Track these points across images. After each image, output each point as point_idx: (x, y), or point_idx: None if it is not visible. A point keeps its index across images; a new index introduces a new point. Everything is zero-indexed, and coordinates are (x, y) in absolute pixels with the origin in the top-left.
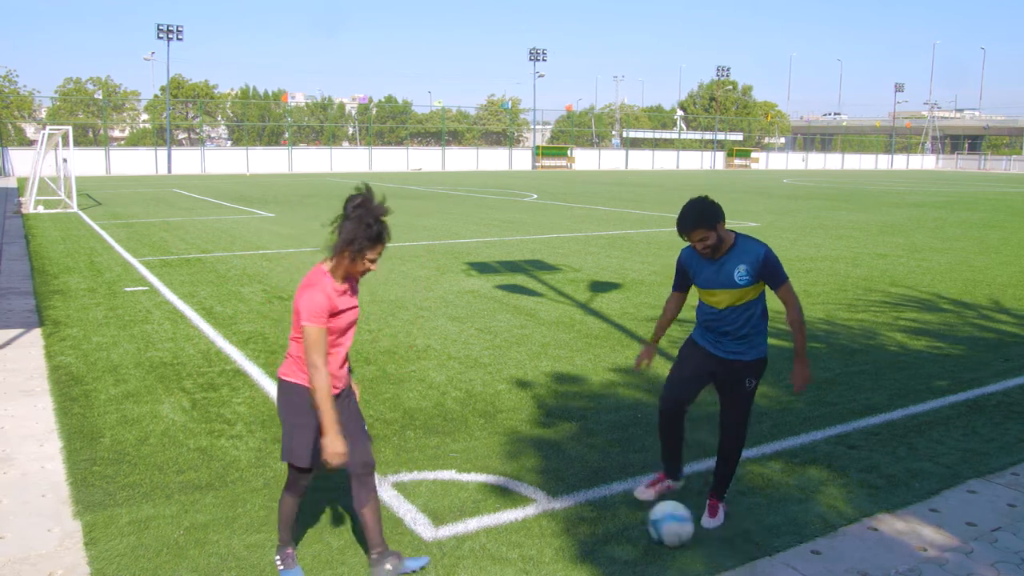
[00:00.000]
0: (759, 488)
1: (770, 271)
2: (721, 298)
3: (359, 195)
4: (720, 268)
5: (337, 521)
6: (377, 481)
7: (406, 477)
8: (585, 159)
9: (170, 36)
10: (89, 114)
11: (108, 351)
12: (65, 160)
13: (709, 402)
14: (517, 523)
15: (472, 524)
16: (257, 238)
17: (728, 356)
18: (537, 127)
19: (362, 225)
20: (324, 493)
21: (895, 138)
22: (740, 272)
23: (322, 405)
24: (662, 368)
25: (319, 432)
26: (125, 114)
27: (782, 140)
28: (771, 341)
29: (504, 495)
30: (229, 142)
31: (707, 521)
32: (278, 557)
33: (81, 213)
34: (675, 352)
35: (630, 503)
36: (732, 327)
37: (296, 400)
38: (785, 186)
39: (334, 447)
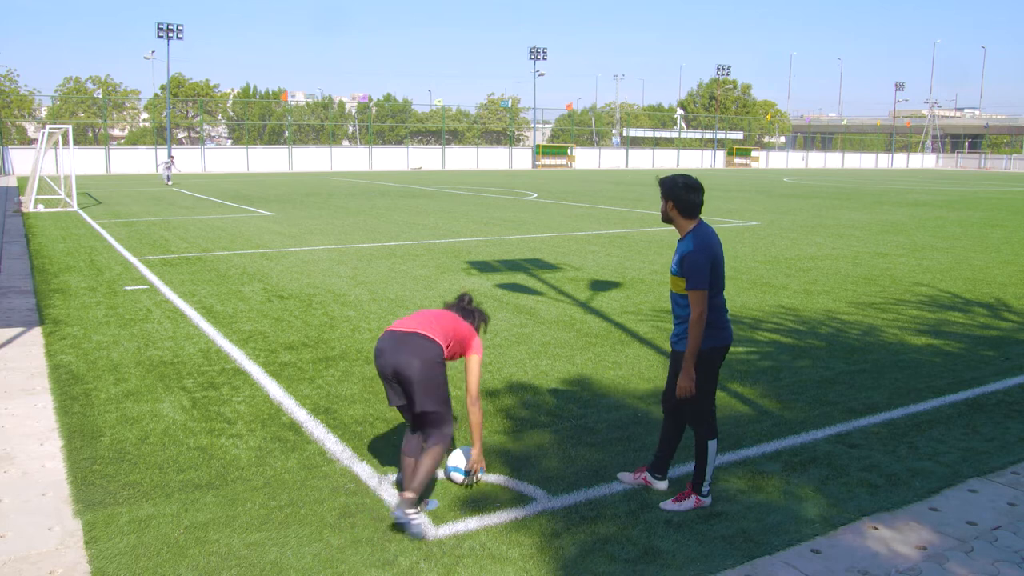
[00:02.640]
0: (759, 487)
1: (685, 270)
2: (671, 281)
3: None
4: (676, 251)
5: (338, 519)
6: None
7: None
8: (585, 158)
9: (170, 35)
10: (89, 113)
11: (108, 350)
12: (169, 169)
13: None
14: (517, 522)
15: (472, 523)
16: (257, 237)
17: (673, 344)
18: (537, 126)
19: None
20: (324, 492)
21: (895, 137)
22: (675, 260)
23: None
24: (660, 370)
25: None
26: (125, 113)
27: (782, 139)
28: (772, 338)
29: (504, 494)
30: (229, 141)
31: (666, 503)
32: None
33: (81, 212)
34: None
35: (630, 502)
36: (676, 314)
37: None
38: (786, 185)
39: None
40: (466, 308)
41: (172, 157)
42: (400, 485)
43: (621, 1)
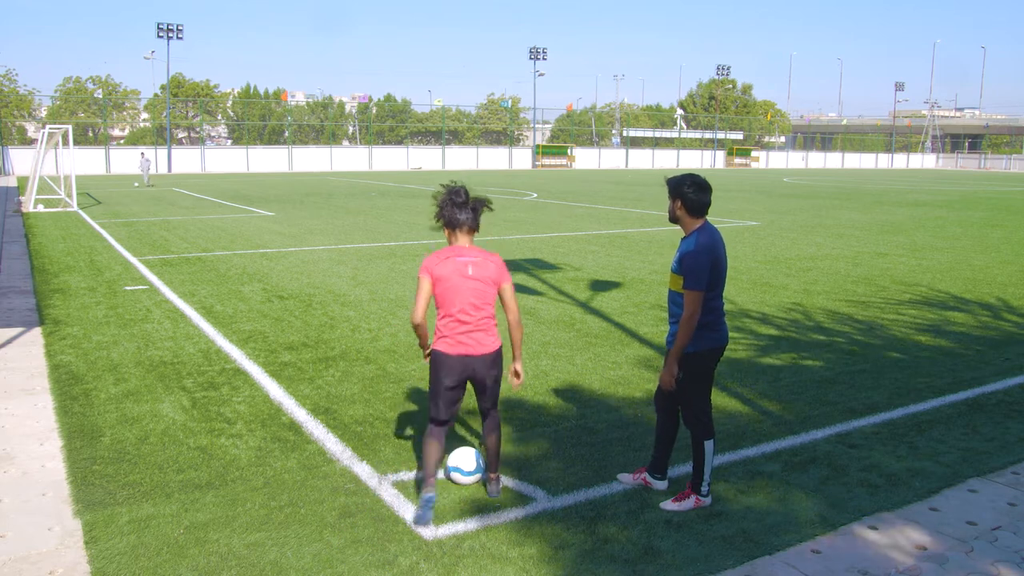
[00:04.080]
0: (759, 487)
1: (684, 269)
2: (670, 278)
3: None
4: (678, 249)
5: (338, 519)
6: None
7: (406, 476)
8: (585, 158)
9: (170, 35)
10: (89, 113)
11: (108, 350)
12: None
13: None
14: (517, 522)
15: (472, 523)
16: (257, 237)
17: (668, 344)
18: (537, 126)
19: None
20: (324, 492)
21: (895, 137)
22: (676, 258)
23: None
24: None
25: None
26: (125, 113)
27: (782, 139)
28: (772, 338)
29: (504, 494)
30: (229, 141)
31: (666, 503)
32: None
33: (81, 212)
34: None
35: (630, 502)
36: (672, 312)
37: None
38: (786, 185)
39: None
40: (463, 205)
41: (143, 154)
42: (420, 483)
43: (621, 1)
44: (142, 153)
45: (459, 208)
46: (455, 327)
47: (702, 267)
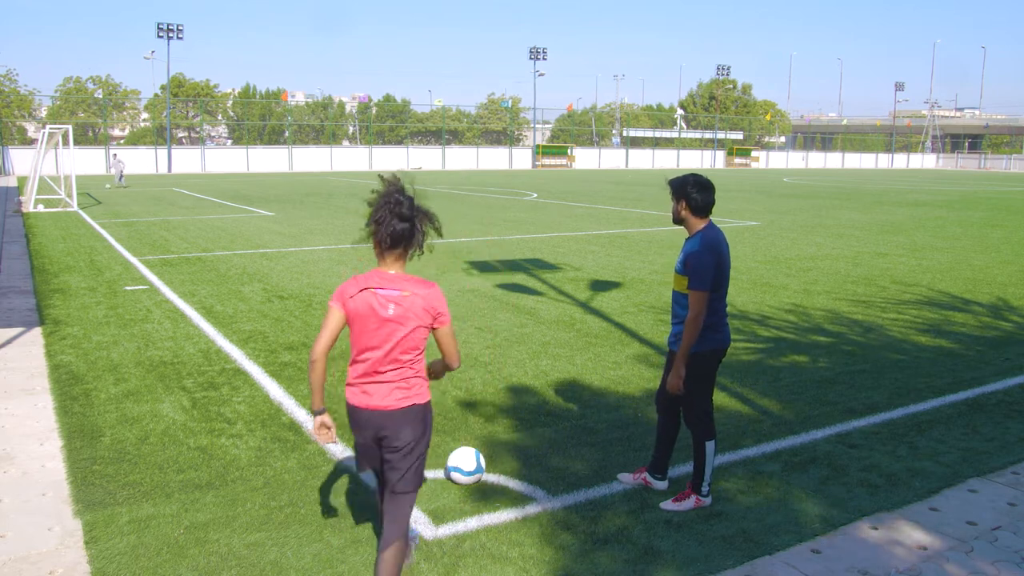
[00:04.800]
0: (759, 487)
1: (688, 269)
2: (674, 279)
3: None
4: (682, 250)
5: (338, 519)
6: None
7: None
8: (585, 158)
9: (170, 35)
10: (89, 113)
11: (108, 350)
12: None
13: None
14: (517, 522)
15: (472, 523)
16: (257, 237)
17: (670, 344)
18: (537, 126)
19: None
20: (325, 492)
21: (895, 137)
22: (680, 259)
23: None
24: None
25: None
26: (125, 113)
27: (782, 139)
28: (772, 338)
29: (504, 494)
30: (229, 141)
31: (666, 503)
32: None
33: (81, 212)
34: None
35: (630, 502)
36: (675, 313)
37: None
38: (786, 185)
39: None
40: (404, 217)
41: (116, 155)
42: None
43: (621, 1)
44: (115, 155)
45: (398, 220)
46: (362, 376)
47: (706, 267)
